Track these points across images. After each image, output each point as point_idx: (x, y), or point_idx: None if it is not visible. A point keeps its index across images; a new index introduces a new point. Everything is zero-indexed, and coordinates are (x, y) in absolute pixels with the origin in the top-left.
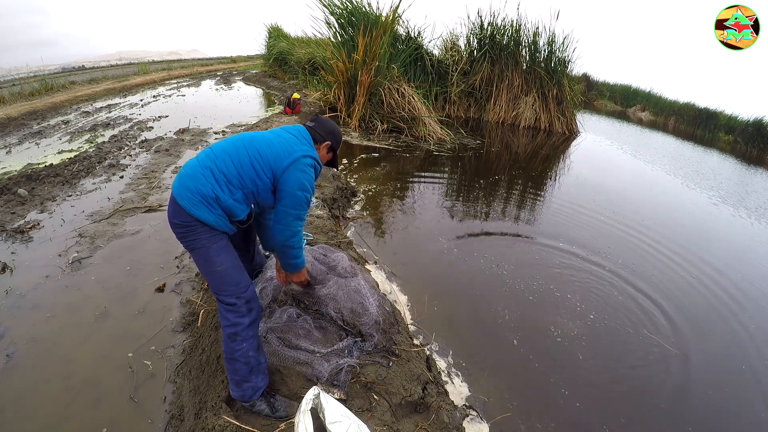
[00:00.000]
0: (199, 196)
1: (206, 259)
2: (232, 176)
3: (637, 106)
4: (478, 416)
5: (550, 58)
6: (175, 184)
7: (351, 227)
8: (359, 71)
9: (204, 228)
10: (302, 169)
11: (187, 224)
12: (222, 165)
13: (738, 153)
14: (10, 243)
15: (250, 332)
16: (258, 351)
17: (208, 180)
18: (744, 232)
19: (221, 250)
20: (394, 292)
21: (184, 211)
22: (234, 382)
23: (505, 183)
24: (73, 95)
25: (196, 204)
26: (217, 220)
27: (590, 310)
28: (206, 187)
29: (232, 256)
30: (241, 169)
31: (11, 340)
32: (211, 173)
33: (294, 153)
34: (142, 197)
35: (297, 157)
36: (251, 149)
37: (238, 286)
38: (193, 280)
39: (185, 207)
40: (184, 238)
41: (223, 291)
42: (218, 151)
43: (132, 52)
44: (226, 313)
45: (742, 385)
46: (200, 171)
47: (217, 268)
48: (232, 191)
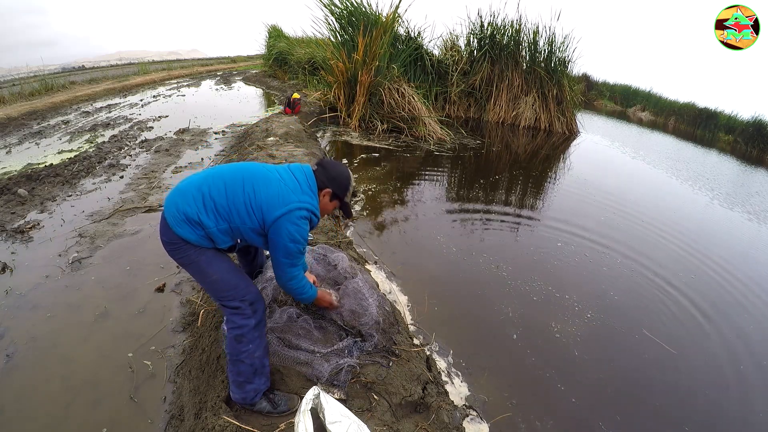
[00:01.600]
0: (183, 215)
1: (198, 271)
2: (221, 207)
3: (637, 106)
4: (478, 416)
5: (550, 58)
6: (167, 199)
7: (351, 227)
8: (359, 71)
9: (189, 245)
10: (294, 221)
11: (173, 242)
12: (215, 192)
13: (738, 153)
14: (10, 243)
15: (256, 333)
16: (264, 352)
17: (196, 203)
18: (748, 234)
19: (211, 260)
20: (394, 292)
21: (169, 228)
22: (236, 384)
23: (505, 183)
24: (73, 95)
25: (179, 223)
26: (200, 240)
27: (587, 309)
28: (192, 209)
29: (223, 263)
30: (231, 204)
31: (11, 340)
32: (202, 197)
33: (289, 204)
34: (142, 197)
35: (291, 209)
36: (248, 186)
37: (236, 289)
38: (192, 280)
39: (170, 223)
40: (173, 255)
41: (224, 297)
42: (216, 177)
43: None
44: (231, 317)
45: (738, 385)
46: (192, 192)
47: (212, 277)
48: (217, 221)
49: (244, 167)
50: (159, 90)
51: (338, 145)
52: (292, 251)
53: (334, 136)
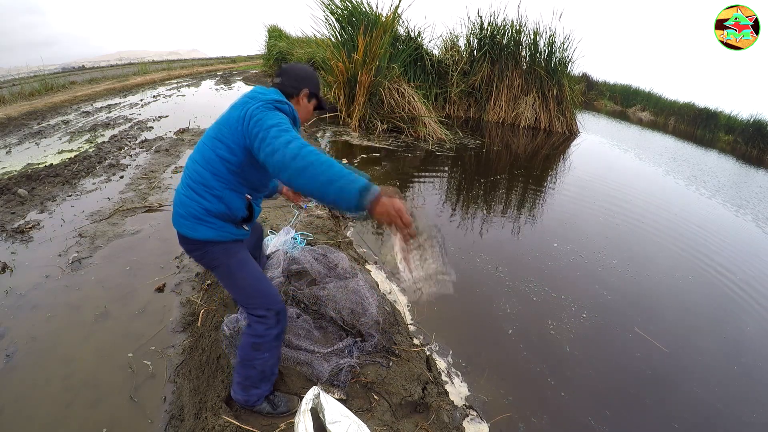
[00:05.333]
0: (192, 219)
1: (228, 275)
2: (207, 179)
3: (637, 106)
4: (478, 416)
5: (550, 58)
6: (173, 218)
7: (351, 227)
8: (359, 71)
9: (214, 245)
10: (259, 107)
11: (197, 248)
12: (194, 174)
13: (738, 153)
14: (10, 243)
15: (275, 343)
16: (276, 361)
17: (191, 199)
18: (749, 234)
19: (241, 263)
20: (394, 292)
21: (188, 239)
22: (241, 386)
23: (505, 183)
24: (73, 95)
25: (193, 227)
26: (220, 233)
27: (584, 308)
28: (193, 206)
29: (253, 268)
30: (210, 167)
31: (11, 340)
32: (191, 190)
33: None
34: (142, 197)
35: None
36: (208, 141)
37: (266, 297)
38: (193, 280)
39: (186, 234)
40: (201, 261)
41: (250, 304)
42: (188, 165)
43: (132, 52)
44: (255, 324)
45: (731, 385)
46: (182, 194)
47: (240, 282)
48: (215, 194)
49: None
50: (159, 90)
51: (338, 145)
52: (262, 111)
53: (334, 136)
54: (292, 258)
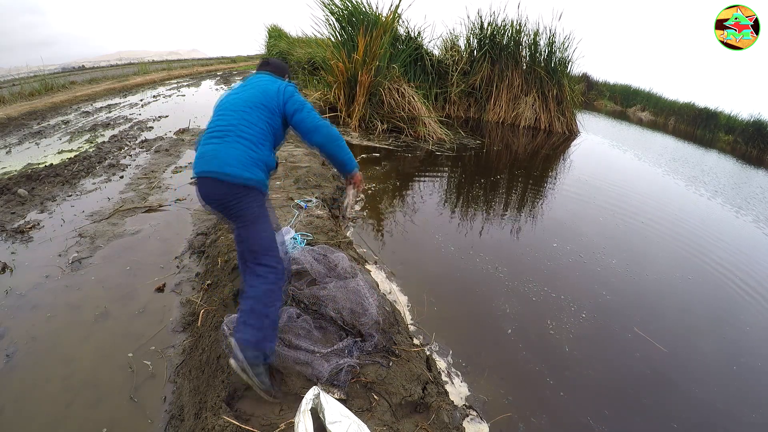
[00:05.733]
0: (243, 164)
1: (255, 222)
2: (254, 134)
3: (637, 106)
4: (478, 416)
5: (550, 58)
6: (208, 163)
7: (351, 227)
8: (359, 71)
9: (256, 194)
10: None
11: (238, 193)
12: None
13: (738, 153)
14: (10, 243)
15: (281, 296)
16: (278, 317)
17: (239, 150)
18: (749, 233)
19: (267, 216)
20: (394, 292)
21: (233, 184)
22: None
23: (504, 183)
24: (73, 95)
25: (247, 169)
26: (264, 180)
27: (583, 308)
28: (243, 155)
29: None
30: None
31: (11, 340)
32: (240, 144)
33: (278, 83)
34: (142, 197)
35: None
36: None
37: (279, 250)
38: (193, 280)
39: (239, 175)
40: (236, 206)
41: (268, 253)
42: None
43: (132, 52)
44: (268, 274)
45: (730, 385)
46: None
47: (263, 232)
48: (260, 146)
49: (232, 103)
50: (159, 90)
51: None
52: (305, 101)
53: None
54: (292, 258)
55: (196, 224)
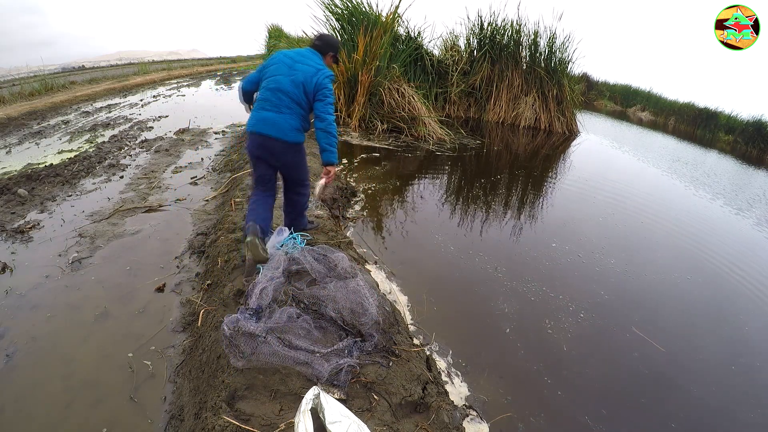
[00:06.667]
0: (294, 130)
1: (301, 163)
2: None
3: (637, 106)
4: (478, 416)
5: (550, 58)
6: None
7: (351, 227)
8: (359, 71)
9: (297, 146)
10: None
11: (292, 149)
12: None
13: (738, 153)
14: (10, 243)
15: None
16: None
17: (286, 120)
18: (750, 233)
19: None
20: (394, 292)
21: (289, 143)
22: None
23: (504, 183)
24: (73, 95)
25: (297, 135)
26: (303, 138)
27: (580, 308)
28: (292, 123)
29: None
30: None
31: (11, 340)
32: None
33: (319, 70)
34: (142, 197)
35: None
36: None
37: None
38: (193, 280)
39: (291, 140)
40: (293, 157)
41: (306, 181)
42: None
43: (132, 52)
44: (303, 198)
45: (728, 385)
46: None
47: (305, 169)
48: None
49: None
50: (159, 90)
51: (338, 145)
52: (332, 101)
53: None
54: (292, 258)
55: (196, 224)
